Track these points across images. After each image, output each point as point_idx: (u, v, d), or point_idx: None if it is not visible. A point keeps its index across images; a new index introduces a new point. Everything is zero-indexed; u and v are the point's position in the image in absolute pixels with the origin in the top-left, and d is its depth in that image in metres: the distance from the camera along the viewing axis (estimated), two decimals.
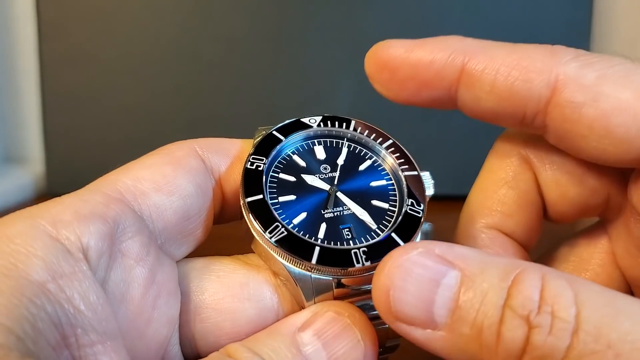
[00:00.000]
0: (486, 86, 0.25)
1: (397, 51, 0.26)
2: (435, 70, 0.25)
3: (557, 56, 0.24)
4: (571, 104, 0.23)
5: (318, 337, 0.22)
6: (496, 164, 0.28)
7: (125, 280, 0.22)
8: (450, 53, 0.25)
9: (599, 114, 0.23)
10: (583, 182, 0.27)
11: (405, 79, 0.26)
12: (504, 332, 0.19)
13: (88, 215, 0.21)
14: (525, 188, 0.28)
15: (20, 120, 0.71)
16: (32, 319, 0.17)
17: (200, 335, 0.24)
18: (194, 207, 0.24)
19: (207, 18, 0.63)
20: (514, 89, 0.24)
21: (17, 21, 0.69)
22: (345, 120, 0.27)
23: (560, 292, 0.19)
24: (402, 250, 0.21)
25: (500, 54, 0.25)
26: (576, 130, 0.24)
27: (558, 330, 0.18)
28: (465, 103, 0.26)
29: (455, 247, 0.21)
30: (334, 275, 0.23)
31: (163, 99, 0.64)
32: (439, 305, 0.20)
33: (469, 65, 0.25)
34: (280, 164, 0.26)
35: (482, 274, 0.20)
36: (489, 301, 0.19)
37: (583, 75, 0.23)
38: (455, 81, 0.25)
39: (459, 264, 0.20)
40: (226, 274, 0.24)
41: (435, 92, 0.26)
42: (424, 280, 0.20)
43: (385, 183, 0.26)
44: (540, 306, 0.18)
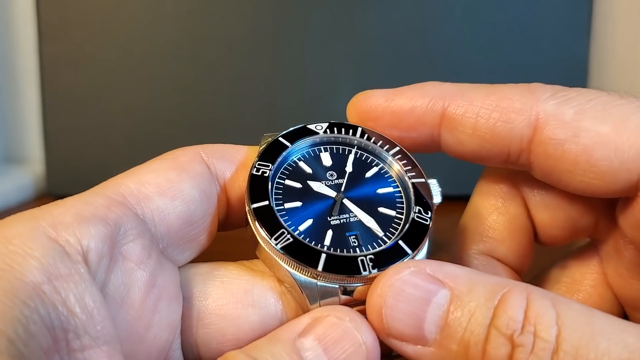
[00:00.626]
0: (468, 129, 0.25)
1: (377, 101, 0.27)
2: (416, 116, 0.26)
3: (535, 94, 0.25)
4: (553, 141, 0.24)
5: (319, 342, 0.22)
6: (486, 189, 0.29)
7: (125, 284, 0.21)
8: (429, 99, 0.26)
9: (581, 149, 0.24)
10: (572, 205, 0.27)
11: (388, 126, 0.27)
12: (489, 350, 0.20)
13: (89, 217, 0.20)
14: (515, 213, 0.28)
15: (20, 120, 0.71)
16: (25, 321, 0.17)
17: (202, 341, 0.24)
18: (197, 212, 0.24)
19: (207, 19, 0.63)
20: (496, 130, 0.25)
21: (17, 21, 0.69)
22: (351, 127, 0.27)
23: (543, 312, 0.20)
24: (395, 269, 0.22)
25: (479, 96, 0.25)
26: (560, 166, 0.24)
27: (539, 350, 0.19)
28: (448, 146, 0.27)
29: (446, 265, 0.22)
30: (340, 283, 0.23)
31: (162, 99, 0.64)
32: (429, 322, 0.21)
33: (449, 110, 0.26)
34: (286, 170, 0.26)
35: (470, 293, 0.21)
36: (475, 320, 0.20)
37: (562, 112, 0.24)
38: (437, 126, 0.26)
39: (448, 282, 0.21)
40: (230, 280, 0.24)
41: (418, 137, 0.27)
42: (415, 299, 0.21)
43: (392, 190, 0.26)
44: (524, 326, 0.19)
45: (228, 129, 0.64)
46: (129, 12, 0.63)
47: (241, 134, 0.63)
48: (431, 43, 0.64)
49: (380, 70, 0.63)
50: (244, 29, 0.63)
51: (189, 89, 0.64)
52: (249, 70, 0.63)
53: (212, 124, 0.64)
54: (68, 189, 0.63)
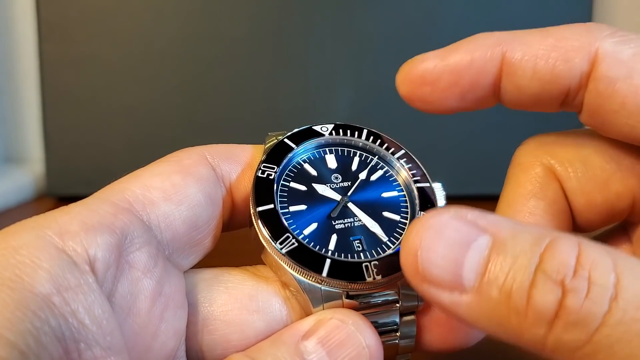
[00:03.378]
0: (528, 73, 0.24)
1: (432, 62, 0.26)
2: (477, 68, 0.25)
3: (594, 33, 0.24)
4: (605, 79, 0.23)
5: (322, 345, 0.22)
6: (521, 176, 0.28)
7: (132, 293, 0.21)
8: (487, 48, 0.25)
9: (632, 90, 0.23)
10: (608, 188, 0.26)
11: (448, 87, 0.25)
12: (534, 296, 0.18)
13: (96, 225, 0.20)
14: (554, 197, 0.27)
15: (20, 120, 0.71)
16: (36, 333, 0.17)
17: (207, 347, 0.24)
18: (203, 216, 0.24)
19: (207, 19, 0.63)
20: (556, 70, 0.24)
21: (17, 21, 0.69)
22: (357, 129, 0.27)
23: (598, 258, 0.18)
24: (434, 212, 0.20)
25: (536, 39, 0.25)
26: (608, 105, 0.24)
27: (595, 296, 0.17)
28: (507, 94, 0.25)
29: (488, 214, 0.20)
30: (344, 289, 0.23)
31: (163, 99, 0.64)
32: (468, 268, 0.19)
33: (507, 56, 0.25)
34: (291, 172, 0.26)
35: (513, 239, 0.19)
36: (519, 264, 0.18)
37: (619, 50, 0.23)
38: (498, 74, 0.25)
39: (490, 228, 0.19)
40: (235, 286, 0.24)
41: (480, 92, 0.26)
42: (454, 243, 0.19)
43: (397, 194, 0.26)
44: (576, 270, 0.18)
45: (228, 128, 0.64)
46: (129, 12, 0.62)
47: (242, 133, 0.63)
48: (431, 43, 0.63)
49: (380, 70, 0.63)
50: (245, 28, 0.63)
51: (189, 88, 0.64)
52: (250, 70, 0.63)
53: (212, 124, 0.64)
54: (68, 189, 0.64)
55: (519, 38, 0.25)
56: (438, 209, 0.21)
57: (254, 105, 0.64)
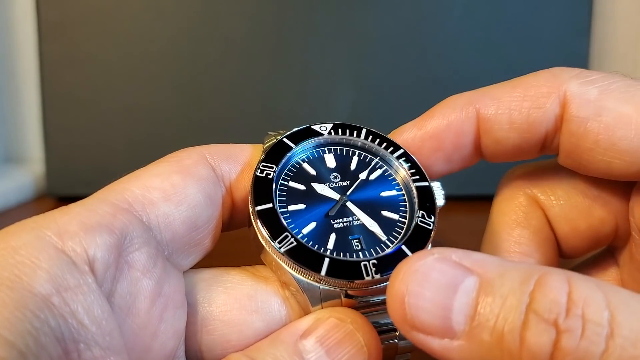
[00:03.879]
0: (505, 125, 0.26)
1: (411, 132, 0.27)
2: (455, 130, 0.26)
3: (560, 77, 0.25)
4: (577, 119, 0.24)
5: (321, 344, 0.22)
6: (505, 206, 0.28)
7: (131, 293, 0.21)
8: (460, 109, 0.26)
9: (603, 127, 0.24)
10: (591, 213, 0.27)
11: (432, 152, 0.27)
12: (528, 338, 0.17)
13: (95, 226, 0.20)
14: (538, 226, 0.28)
15: (20, 120, 0.71)
16: (35, 333, 0.17)
17: (207, 347, 0.24)
18: (202, 216, 0.24)
19: (207, 19, 0.63)
20: (531, 118, 0.25)
21: (17, 21, 0.69)
22: (356, 129, 0.27)
23: (590, 294, 0.17)
24: (418, 255, 0.20)
25: (505, 92, 0.26)
26: (582, 144, 0.24)
27: (591, 335, 0.17)
28: (488, 149, 0.27)
29: (472, 253, 0.20)
30: (342, 288, 0.23)
31: (163, 99, 0.64)
32: (457, 311, 0.19)
33: (482, 112, 0.26)
34: (290, 171, 0.26)
35: (501, 278, 0.18)
36: (510, 305, 0.18)
37: (586, 91, 0.24)
38: (477, 132, 0.26)
39: (476, 269, 0.19)
40: (234, 286, 0.24)
41: (463, 152, 0.27)
42: (440, 286, 0.19)
43: (396, 193, 0.26)
44: (569, 309, 0.17)
45: (228, 128, 0.64)
46: (129, 12, 0.62)
47: (241, 133, 0.63)
48: (431, 43, 0.64)
49: (380, 70, 0.63)
50: (244, 28, 0.63)
51: (189, 88, 0.64)
52: (250, 70, 0.63)
53: (211, 124, 0.64)
54: (68, 189, 0.64)
55: (489, 93, 0.26)
56: (422, 251, 0.20)
57: (254, 105, 0.64)
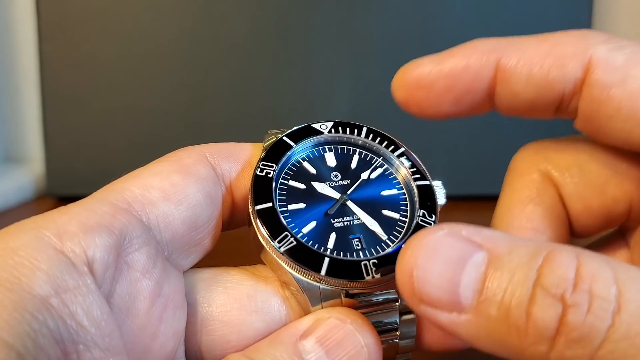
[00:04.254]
0: (523, 79, 0.25)
1: (427, 67, 0.26)
2: (472, 74, 0.25)
3: (588, 39, 0.24)
4: (600, 85, 0.23)
5: (321, 344, 0.21)
6: (518, 182, 0.28)
7: (130, 294, 0.21)
8: (482, 54, 0.25)
9: (626, 95, 0.23)
10: (605, 192, 0.26)
11: (443, 91, 0.25)
12: (534, 312, 0.17)
13: (94, 226, 0.20)
14: (551, 203, 0.27)
15: (20, 120, 0.71)
16: (34, 335, 0.17)
17: (206, 348, 0.23)
18: (202, 216, 0.24)
19: (207, 19, 0.63)
20: (550, 76, 0.24)
21: (17, 21, 0.69)
22: (356, 127, 0.27)
23: (598, 270, 0.17)
24: (428, 230, 0.20)
25: (531, 45, 0.25)
26: (603, 111, 0.24)
27: (598, 310, 0.17)
28: (502, 100, 0.26)
29: (483, 229, 0.20)
30: (342, 287, 0.23)
31: (162, 99, 0.64)
32: (464, 285, 0.19)
33: (503, 62, 0.25)
34: (290, 170, 0.25)
35: (510, 254, 0.19)
36: (517, 280, 0.18)
37: (613, 57, 0.23)
38: (493, 80, 0.25)
39: (486, 244, 0.19)
40: (233, 286, 0.24)
41: (475, 97, 0.26)
42: (449, 260, 0.19)
43: (397, 192, 0.26)
44: (577, 284, 0.17)
45: (228, 128, 0.64)
46: (129, 12, 0.62)
47: (242, 133, 0.63)
48: (431, 43, 0.64)
49: (380, 70, 0.63)
50: (244, 28, 0.63)
51: (189, 88, 0.64)
52: (250, 70, 0.63)
53: (212, 123, 0.64)
54: (68, 189, 0.64)
55: (515, 44, 0.25)
56: (432, 227, 0.20)
57: (254, 105, 0.64)
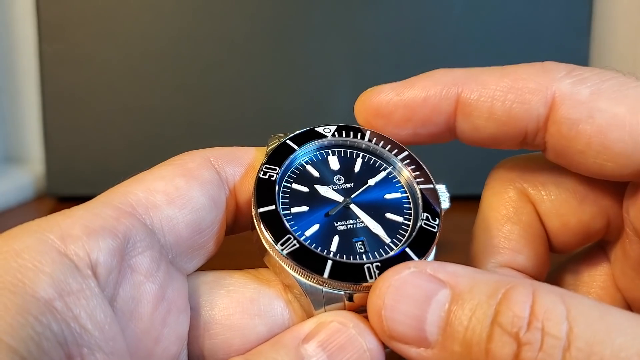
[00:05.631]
0: (484, 114, 0.25)
1: (387, 96, 0.26)
2: (431, 106, 0.25)
3: (550, 73, 0.24)
4: (567, 121, 0.23)
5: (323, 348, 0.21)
6: (495, 201, 0.28)
7: (134, 297, 0.21)
8: (442, 87, 0.25)
9: (595, 130, 0.23)
10: (582, 209, 0.27)
11: (402, 121, 0.26)
12: (492, 350, 0.18)
13: (98, 229, 0.20)
14: (528, 221, 0.27)
15: (20, 120, 0.71)
16: (38, 338, 0.17)
17: (209, 351, 0.23)
18: (206, 220, 0.24)
19: (207, 19, 0.63)
20: (512, 112, 0.24)
21: (17, 21, 0.69)
22: (360, 131, 0.27)
23: (551, 307, 0.18)
24: (394, 270, 0.21)
25: (493, 79, 0.25)
26: (574, 146, 0.24)
27: (549, 348, 0.18)
28: (464, 133, 0.26)
29: (448, 265, 0.21)
30: (345, 290, 0.22)
31: (162, 99, 0.64)
32: (430, 323, 0.20)
33: (463, 96, 0.25)
34: (293, 174, 0.25)
35: (471, 291, 0.20)
36: (477, 318, 0.19)
37: (577, 91, 0.23)
38: (453, 113, 0.25)
39: (449, 281, 0.20)
40: (236, 289, 0.24)
41: (434, 128, 0.26)
42: (415, 299, 0.20)
43: (400, 196, 0.26)
44: (530, 322, 0.18)
45: (228, 128, 0.64)
46: (129, 12, 0.62)
47: (242, 133, 0.63)
48: (431, 43, 0.64)
49: (380, 70, 0.63)
50: (245, 29, 0.63)
51: (189, 88, 0.64)
52: (250, 70, 0.63)
53: (212, 124, 0.64)
54: (68, 189, 0.64)
55: (476, 77, 0.25)
56: (399, 266, 0.21)
57: (255, 106, 0.64)
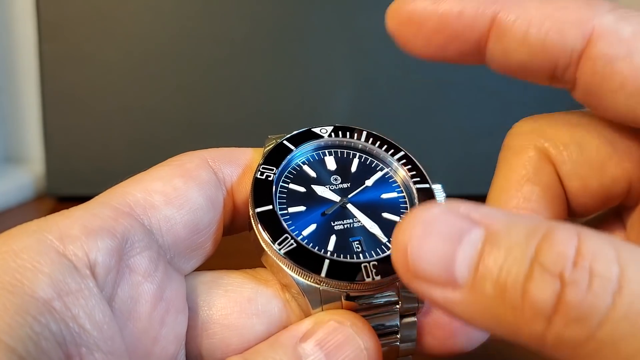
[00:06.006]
0: (518, 38, 0.23)
1: (423, 3, 0.24)
2: (465, 21, 0.24)
3: (594, 7, 0.23)
4: (604, 57, 0.22)
5: (320, 347, 0.21)
6: (514, 160, 0.27)
7: (132, 297, 0.21)
8: (480, 3, 0.24)
9: (632, 69, 0.22)
10: (604, 171, 0.25)
11: (433, 32, 0.24)
12: (531, 290, 0.17)
13: (96, 230, 0.20)
14: (549, 182, 0.26)
15: (20, 120, 0.71)
16: (36, 338, 0.17)
17: (207, 351, 0.23)
18: (204, 220, 0.24)
19: (207, 19, 0.63)
20: (547, 40, 0.23)
21: (17, 21, 0.69)
22: (356, 131, 0.27)
23: (599, 249, 0.17)
24: (425, 206, 0.19)
25: (534, 3, 0.23)
26: (606, 84, 0.22)
27: (598, 289, 0.16)
28: (494, 56, 0.24)
29: (481, 206, 0.19)
30: (343, 289, 0.23)
31: (163, 99, 0.64)
32: (460, 262, 0.18)
33: (500, 16, 0.23)
34: (290, 174, 0.26)
35: (508, 231, 0.18)
36: (514, 257, 0.17)
37: (619, 28, 0.22)
38: (486, 32, 0.24)
39: (484, 221, 0.18)
40: (234, 289, 0.24)
41: (464, 46, 0.24)
42: (445, 236, 0.18)
43: (397, 195, 0.26)
44: (577, 262, 0.16)
45: (228, 128, 0.64)
46: (129, 12, 0.62)
47: (242, 133, 0.63)
48: None
49: (380, 70, 0.63)
50: (245, 29, 0.63)
51: (189, 88, 0.64)
52: (250, 70, 0.63)
53: (211, 124, 0.64)
54: (68, 189, 0.64)
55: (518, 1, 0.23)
56: (430, 203, 0.20)
57: (254, 106, 0.64)
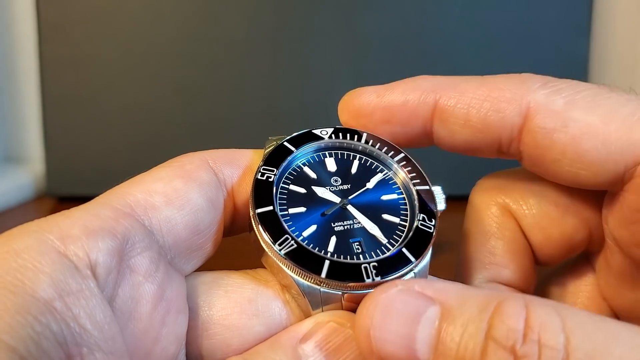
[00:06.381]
0: (460, 120, 0.26)
1: (368, 97, 0.27)
2: (409, 110, 0.26)
3: (526, 84, 0.25)
4: (542, 130, 0.24)
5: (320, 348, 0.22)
6: (477, 217, 0.29)
7: (133, 297, 0.21)
8: (421, 92, 0.26)
9: (569, 138, 0.24)
10: (564, 221, 0.27)
11: (381, 122, 0.27)
12: None
13: (97, 230, 0.20)
14: (512, 236, 0.28)
15: (20, 120, 0.71)
16: (37, 338, 0.17)
17: (207, 352, 0.24)
18: (204, 221, 0.24)
19: (207, 19, 0.63)
20: (487, 120, 0.25)
21: (17, 21, 0.69)
22: (356, 133, 0.27)
23: (546, 319, 0.18)
24: (381, 289, 0.21)
25: (470, 87, 0.26)
26: (549, 155, 0.24)
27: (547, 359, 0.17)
28: (440, 138, 0.27)
29: (435, 281, 0.21)
30: (343, 290, 0.23)
31: (162, 99, 0.64)
32: (420, 341, 0.19)
33: (441, 102, 0.26)
34: (290, 175, 0.26)
35: (461, 307, 0.19)
36: (469, 333, 0.19)
37: (552, 101, 0.24)
38: (430, 118, 0.26)
39: (438, 298, 0.20)
40: (234, 289, 0.24)
41: (411, 131, 0.27)
42: (403, 317, 0.20)
43: (397, 197, 0.26)
44: (526, 334, 0.18)
45: (228, 128, 0.64)
46: (129, 12, 0.63)
47: (241, 133, 0.63)
48: (431, 43, 0.64)
49: (380, 70, 0.63)
50: (245, 29, 0.63)
51: (189, 89, 0.64)
52: (250, 71, 0.63)
53: (212, 124, 0.64)
54: (68, 189, 0.64)
55: (455, 85, 0.26)
56: (386, 284, 0.21)
57: (254, 106, 0.64)
